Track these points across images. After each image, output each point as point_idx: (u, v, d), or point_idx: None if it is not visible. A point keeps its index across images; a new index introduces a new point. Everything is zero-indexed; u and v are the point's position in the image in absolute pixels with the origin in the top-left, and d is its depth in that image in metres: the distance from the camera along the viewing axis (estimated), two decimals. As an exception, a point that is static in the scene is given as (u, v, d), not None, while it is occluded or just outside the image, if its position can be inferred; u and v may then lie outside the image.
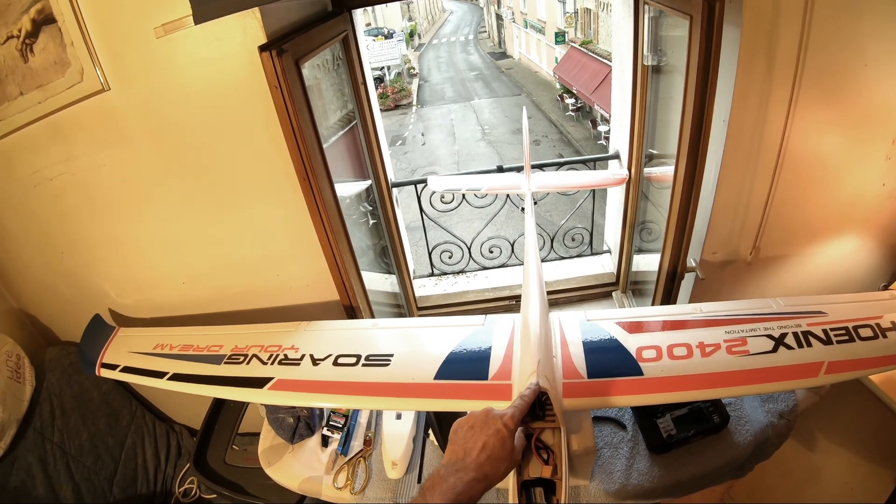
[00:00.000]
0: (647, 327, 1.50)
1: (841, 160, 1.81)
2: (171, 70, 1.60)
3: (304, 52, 1.64)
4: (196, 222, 1.92)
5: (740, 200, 1.87)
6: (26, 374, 2.03)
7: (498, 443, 1.01)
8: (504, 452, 1.00)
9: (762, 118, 1.68)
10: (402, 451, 1.70)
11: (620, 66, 2.64)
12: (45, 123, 1.71)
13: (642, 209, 2.66)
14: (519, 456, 1.06)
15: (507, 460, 1.01)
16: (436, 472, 0.97)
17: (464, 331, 1.59)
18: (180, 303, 2.13)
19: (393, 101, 22.79)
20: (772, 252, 2.01)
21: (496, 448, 1.00)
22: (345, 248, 1.91)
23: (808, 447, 2.17)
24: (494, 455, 0.99)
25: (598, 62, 16.43)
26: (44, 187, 1.83)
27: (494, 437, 1.01)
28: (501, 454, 1.00)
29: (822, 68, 1.59)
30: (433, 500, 0.91)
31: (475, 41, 34.94)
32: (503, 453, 1.00)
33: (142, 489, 2.31)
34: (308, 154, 1.62)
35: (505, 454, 1.00)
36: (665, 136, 2.25)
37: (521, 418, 1.09)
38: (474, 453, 0.99)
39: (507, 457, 1.01)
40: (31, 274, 2.18)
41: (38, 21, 1.58)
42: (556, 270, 3.31)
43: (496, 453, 1.00)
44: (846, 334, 1.36)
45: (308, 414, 1.86)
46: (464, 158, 17.05)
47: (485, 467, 0.97)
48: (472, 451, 1.00)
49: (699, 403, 1.66)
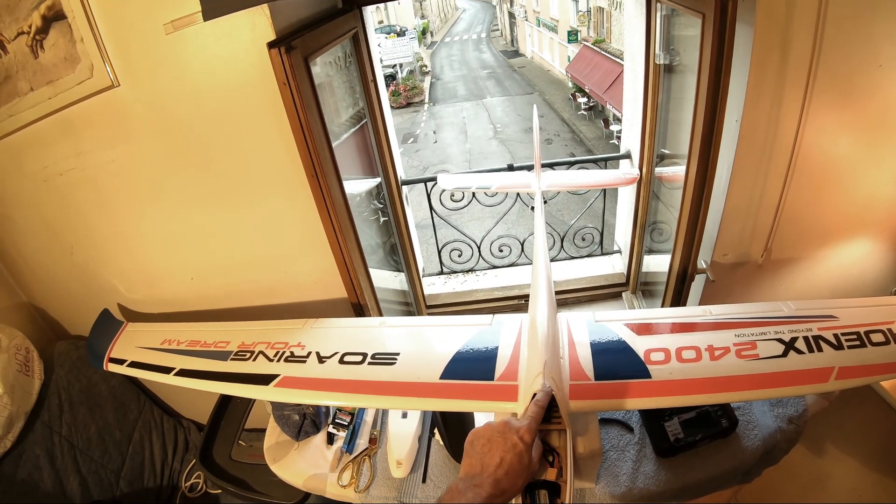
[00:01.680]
0: (656, 329, 1.49)
1: (854, 162, 1.78)
2: (180, 66, 1.60)
3: (313, 49, 1.63)
4: (205, 218, 1.92)
5: (752, 202, 1.84)
6: (35, 368, 2.05)
7: (515, 458, 0.99)
8: (521, 467, 0.99)
9: (775, 119, 1.65)
10: (408, 450, 1.69)
11: (632, 65, 2.62)
12: (55, 119, 1.71)
13: (653, 209, 2.63)
14: (536, 467, 1.05)
15: (525, 474, 1.00)
16: (453, 485, 0.96)
17: (471, 330, 1.58)
18: (189, 298, 2.13)
19: (405, 98, 22.77)
20: (783, 254, 1.99)
21: (514, 464, 0.98)
22: (353, 245, 1.90)
23: (817, 452, 2.15)
24: (512, 471, 0.98)
25: (610, 61, 16.35)
26: (53, 183, 1.84)
27: (511, 451, 1.00)
28: (519, 469, 0.98)
29: (836, 69, 1.57)
30: None
31: (488, 39, 34.87)
32: (520, 468, 0.99)
33: (148, 483, 2.32)
34: (317, 151, 1.62)
35: (522, 469, 0.99)
36: (677, 136, 2.23)
37: (537, 429, 1.08)
38: (491, 468, 0.97)
39: (524, 471, 0.99)
40: (40, 268, 2.19)
41: (49, 17, 1.59)
42: (565, 270, 3.29)
43: (514, 469, 0.98)
44: (857, 339, 1.34)
45: (314, 411, 1.86)
46: (475, 156, 17.04)
47: (502, 483, 0.96)
48: (490, 466, 0.98)
49: (707, 407, 1.65)
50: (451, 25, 39.75)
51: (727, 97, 1.54)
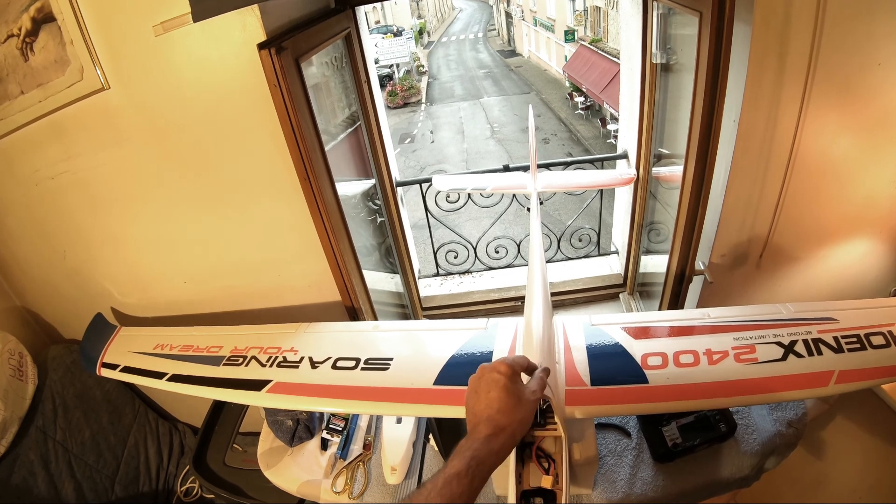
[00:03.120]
0: (653, 333, 1.47)
1: (853, 162, 1.77)
2: (170, 68, 1.58)
3: (304, 49, 1.61)
4: (197, 222, 1.91)
5: (750, 202, 1.83)
6: (29, 372, 2.03)
7: (501, 392, 0.97)
8: (511, 399, 0.96)
9: (773, 118, 1.64)
10: (402, 456, 1.68)
11: (629, 65, 2.60)
12: (46, 122, 1.70)
13: (651, 209, 2.62)
14: (537, 395, 1.02)
15: (521, 405, 0.97)
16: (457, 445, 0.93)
17: (465, 334, 1.57)
18: (182, 302, 2.12)
19: (402, 98, 22.73)
20: (782, 255, 1.98)
21: (501, 398, 0.96)
22: (346, 248, 1.89)
23: (816, 455, 2.13)
24: (503, 405, 0.95)
25: (607, 60, 16.33)
26: (45, 186, 1.83)
27: (494, 387, 0.98)
28: (509, 401, 0.96)
29: (834, 68, 1.55)
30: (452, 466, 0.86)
31: (485, 39, 34.80)
32: (511, 400, 0.96)
33: (144, 488, 2.30)
34: (308, 153, 1.60)
35: (513, 400, 0.96)
36: (674, 136, 2.21)
37: (520, 363, 1.06)
38: (482, 411, 0.96)
39: (517, 402, 0.97)
40: (33, 272, 2.18)
41: (38, 20, 1.57)
42: (562, 271, 3.28)
43: (503, 402, 0.96)
44: (857, 342, 1.33)
45: (307, 417, 1.84)
46: (473, 156, 17.00)
47: (496, 420, 0.94)
48: (480, 413, 0.96)
49: (706, 411, 1.63)
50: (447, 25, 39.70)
51: (725, 97, 1.52)
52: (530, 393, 1.01)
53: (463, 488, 0.83)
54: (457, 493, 0.83)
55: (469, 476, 0.84)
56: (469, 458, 0.87)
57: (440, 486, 0.83)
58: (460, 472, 0.84)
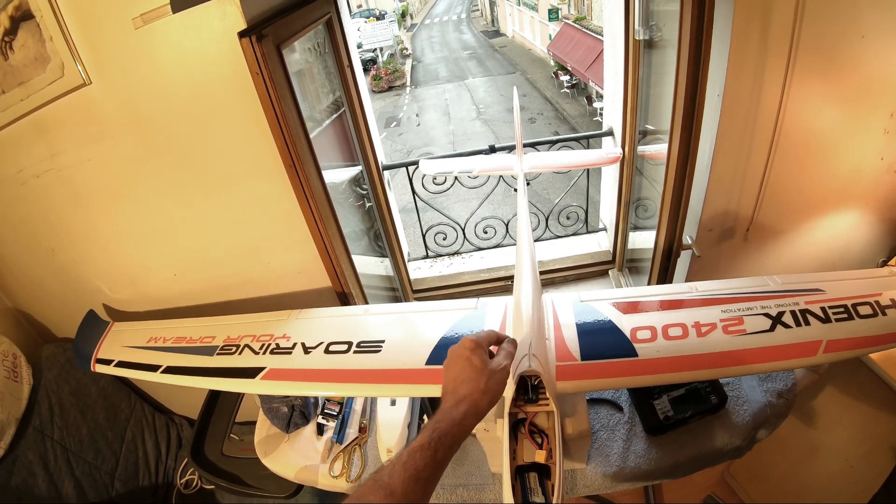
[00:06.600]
0: (642, 307, 1.48)
1: (838, 134, 1.78)
2: (151, 61, 1.56)
3: (285, 36, 1.60)
4: (183, 213, 1.89)
5: (736, 176, 1.84)
6: (23, 373, 2.03)
7: (465, 365, 1.01)
8: (473, 371, 1.00)
9: (757, 91, 1.64)
10: (397, 437, 1.69)
11: (612, 42, 2.60)
12: (29, 121, 1.68)
13: (637, 185, 2.63)
14: (504, 364, 1.05)
15: (483, 375, 1.00)
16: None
17: (456, 315, 1.58)
18: (173, 295, 2.11)
19: (386, 82, 22.56)
20: (768, 228, 1.99)
21: (465, 370, 1.00)
22: (335, 233, 1.88)
23: (808, 425, 2.16)
24: (467, 378, 0.99)
25: (592, 38, 16.24)
26: (30, 185, 1.81)
27: (457, 362, 1.02)
28: (472, 374, 0.99)
29: (817, 40, 1.55)
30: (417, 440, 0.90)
31: (468, 20, 34.62)
32: (474, 372, 1.00)
33: (143, 482, 2.31)
34: (293, 140, 1.59)
35: (475, 372, 1.00)
36: (659, 112, 2.21)
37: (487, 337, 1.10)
38: (447, 387, 1.00)
39: (479, 373, 1.00)
40: (23, 272, 2.17)
41: (17, 17, 1.55)
42: (551, 249, 3.29)
43: (467, 375, 0.99)
44: (845, 312, 1.35)
45: (302, 402, 1.85)
46: (459, 138, 16.90)
47: (458, 391, 0.97)
48: (446, 387, 1.01)
49: (696, 384, 1.65)
50: (430, 7, 39.45)
51: (708, 71, 1.53)
52: (496, 363, 1.04)
53: (426, 460, 0.86)
54: (420, 465, 0.85)
55: (432, 448, 0.87)
56: (431, 429, 0.90)
57: (405, 458, 0.86)
58: (423, 445, 0.88)
